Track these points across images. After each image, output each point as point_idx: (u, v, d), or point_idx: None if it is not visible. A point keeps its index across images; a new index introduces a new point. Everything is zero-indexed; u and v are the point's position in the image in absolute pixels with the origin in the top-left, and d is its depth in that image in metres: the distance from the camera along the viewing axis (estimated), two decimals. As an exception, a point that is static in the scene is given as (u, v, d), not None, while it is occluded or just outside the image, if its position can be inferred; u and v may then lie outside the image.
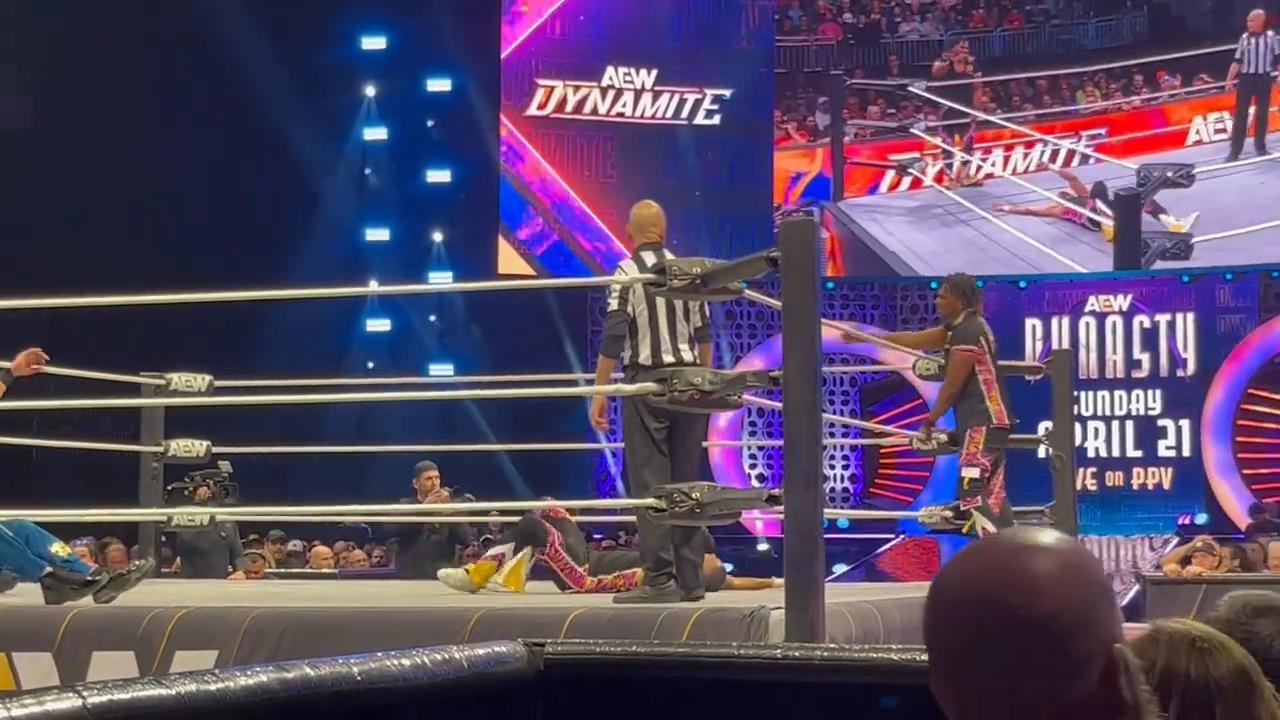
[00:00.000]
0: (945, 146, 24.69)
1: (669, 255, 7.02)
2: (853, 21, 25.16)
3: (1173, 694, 2.46)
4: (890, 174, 24.79)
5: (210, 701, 2.58)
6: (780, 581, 8.58)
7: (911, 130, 24.79)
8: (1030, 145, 24.46)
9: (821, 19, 25.19)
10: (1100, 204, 23.87)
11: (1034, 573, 1.71)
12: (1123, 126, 24.14)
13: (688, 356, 7.05)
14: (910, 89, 24.86)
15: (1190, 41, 23.97)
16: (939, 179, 24.68)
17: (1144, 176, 23.56)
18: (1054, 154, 24.36)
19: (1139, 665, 1.74)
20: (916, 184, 24.72)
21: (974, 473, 9.06)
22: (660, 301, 6.96)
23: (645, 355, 7.00)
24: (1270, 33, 23.25)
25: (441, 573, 8.36)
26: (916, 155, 24.75)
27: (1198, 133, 23.75)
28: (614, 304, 7.14)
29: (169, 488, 10.63)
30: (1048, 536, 1.76)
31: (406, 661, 3.15)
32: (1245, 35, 23.33)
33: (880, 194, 24.80)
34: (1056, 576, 1.70)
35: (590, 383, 14.92)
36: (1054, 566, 1.71)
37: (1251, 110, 23.40)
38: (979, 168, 24.61)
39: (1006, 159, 24.56)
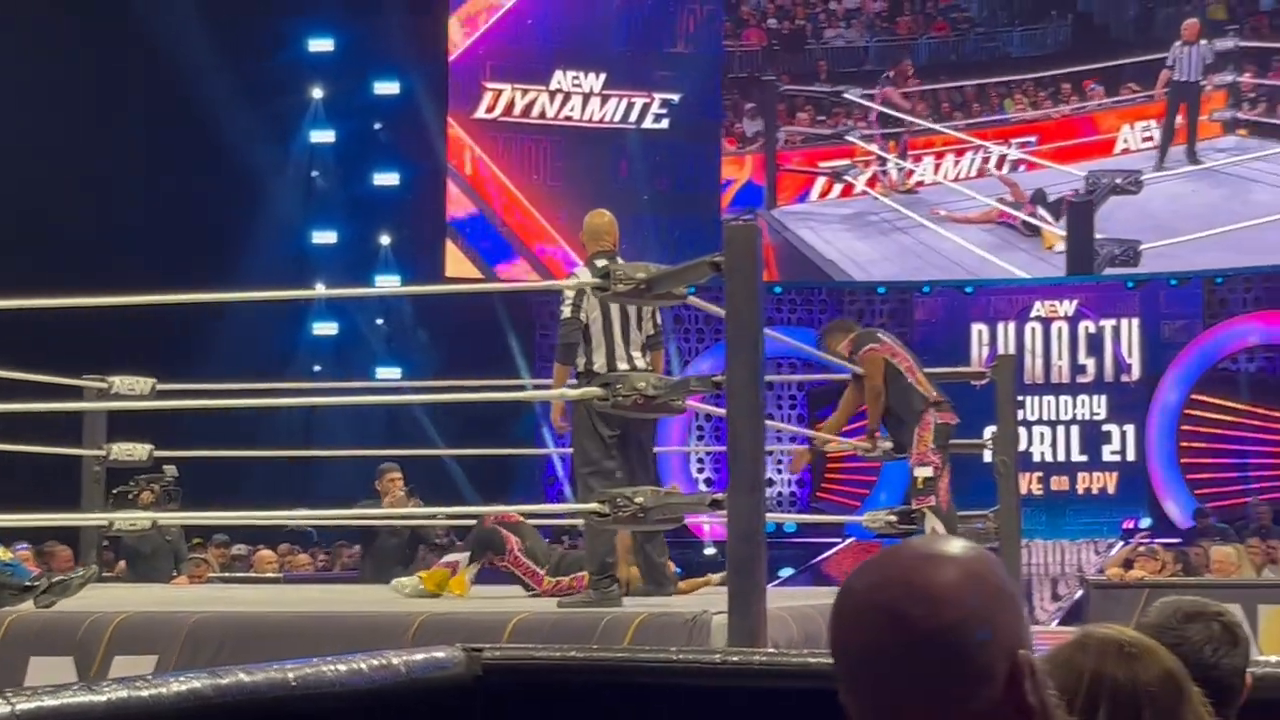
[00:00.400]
0: (881, 153, 24.76)
1: (619, 262, 7.05)
2: (777, 27, 25.22)
3: (1101, 699, 2.47)
4: (821, 181, 24.83)
5: (142, 708, 2.56)
6: (717, 578, 8.63)
7: (847, 137, 24.85)
8: (961, 153, 24.58)
9: (745, 24, 25.24)
10: (1042, 210, 24.00)
11: (936, 581, 1.71)
12: (1052, 134, 24.30)
13: (640, 364, 7.09)
14: (846, 95, 24.93)
15: (1115, 51, 24.17)
16: (872, 184, 24.75)
17: (1093, 183, 23.69)
18: (986, 160, 24.49)
19: (1045, 670, 1.74)
20: (848, 191, 24.79)
21: (927, 471, 9.13)
22: (614, 309, 7.01)
23: (599, 363, 7.06)
24: (1202, 42, 23.44)
25: (395, 582, 8.35)
26: (848, 162, 24.83)
27: (1125, 141, 23.94)
28: (567, 311, 7.18)
29: (114, 491, 10.55)
30: (951, 545, 1.76)
31: (343, 667, 3.14)
32: (1178, 44, 23.53)
33: (811, 201, 24.85)
34: (958, 584, 1.71)
35: (540, 387, 14.90)
36: (956, 575, 1.72)
37: (1180, 119, 23.58)
38: (912, 173, 24.71)
39: (938, 166, 24.67)
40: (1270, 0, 23.51)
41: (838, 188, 24.77)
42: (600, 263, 7.19)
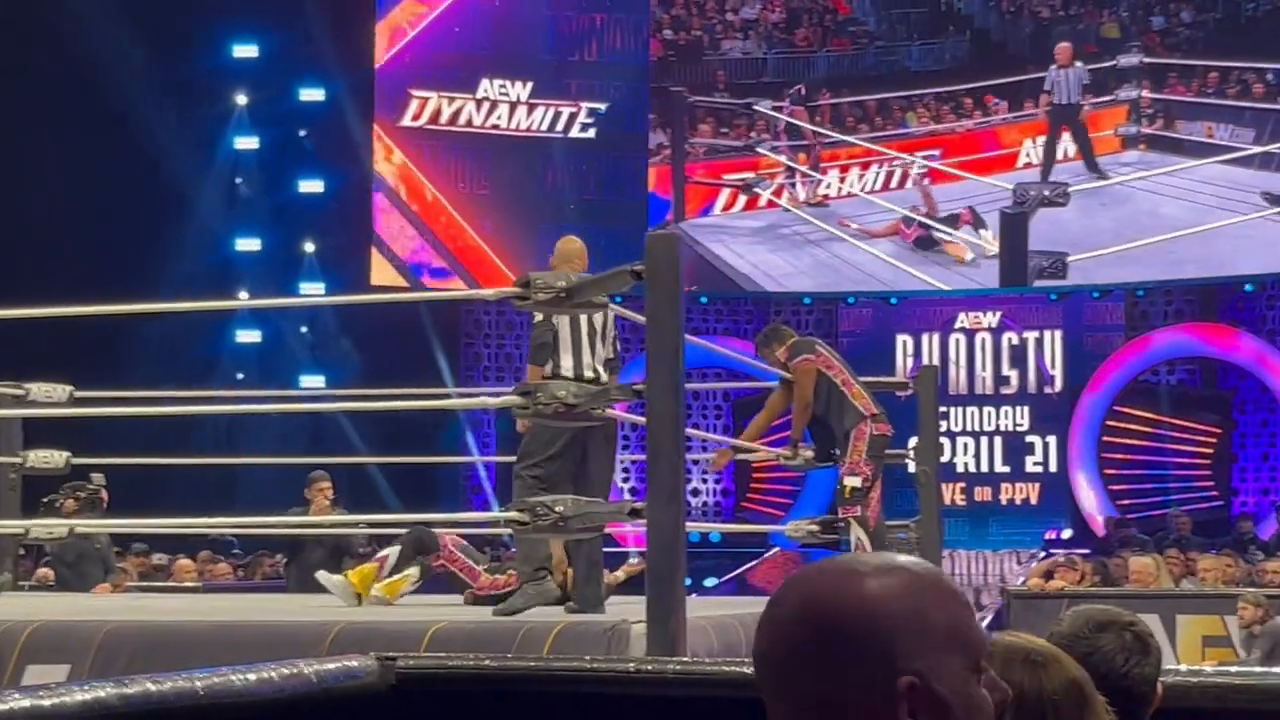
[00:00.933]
0: (791, 164, 24.83)
1: None
2: (673, 38, 25.26)
3: (1006, 707, 2.47)
4: (726, 193, 24.87)
5: (46, 719, 2.52)
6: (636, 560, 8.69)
7: (758, 149, 24.91)
8: (867, 166, 24.71)
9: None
10: (967, 228, 24.16)
11: (866, 591, 1.72)
12: (956, 148, 24.46)
13: (605, 377, 7.15)
14: (756, 107, 24.99)
15: (1013, 67, 24.39)
16: (778, 194, 24.83)
17: (1021, 195, 23.86)
18: (891, 174, 24.63)
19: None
20: (753, 204, 24.84)
21: (856, 481, 9.15)
22: (583, 320, 7.07)
23: (567, 366, 7.10)
24: (1078, 64, 23.71)
25: (321, 575, 8.32)
26: (754, 175, 24.90)
27: (1028, 155, 24.15)
28: (539, 315, 7.25)
29: (44, 499, 10.48)
30: (880, 558, 1.78)
31: (252, 676, 3.10)
32: (1054, 67, 23.79)
33: (716, 214, 24.88)
34: (889, 594, 1.71)
35: (464, 395, 14.88)
36: (888, 584, 1.72)
37: (1068, 139, 23.83)
38: (819, 185, 24.80)
39: (843, 179, 24.78)
40: (1161, 20, 23.80)
41: (743, 200, 24.79)
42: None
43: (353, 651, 4.91)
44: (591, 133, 24.17)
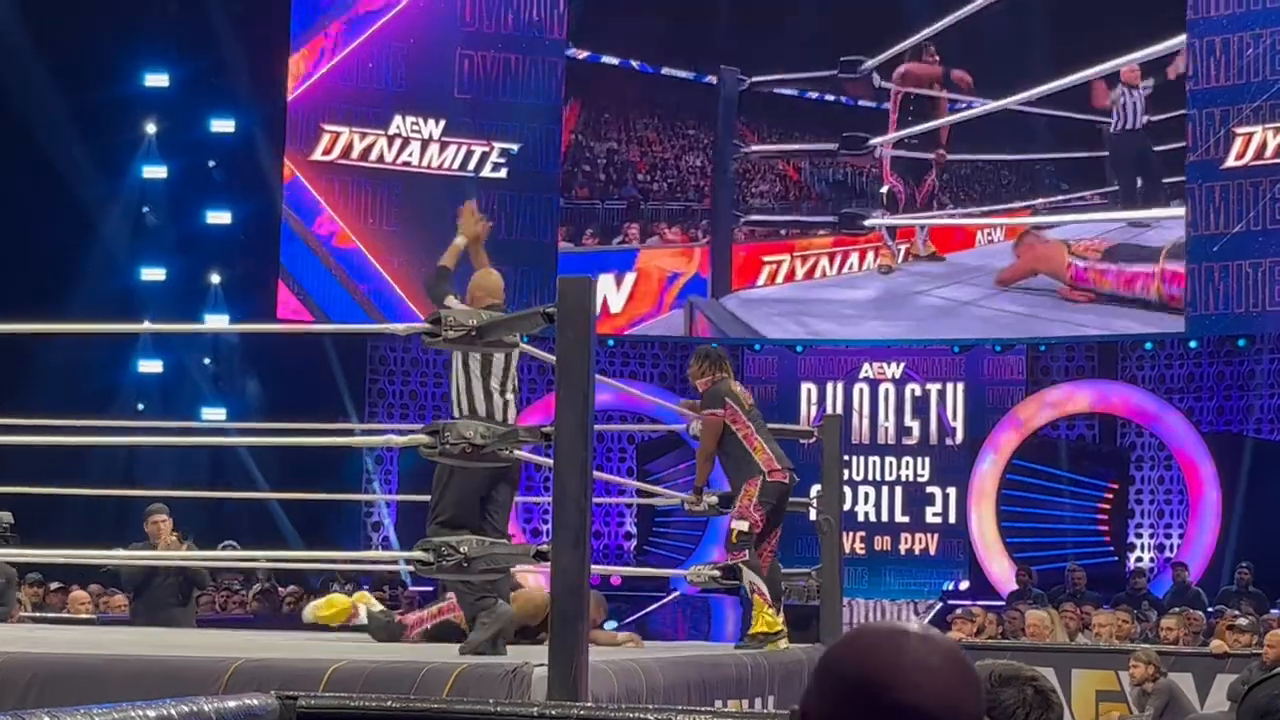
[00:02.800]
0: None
1: None
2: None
3: None
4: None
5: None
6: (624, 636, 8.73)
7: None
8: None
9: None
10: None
11: (921, 663, 1.76)
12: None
13: (512, 415, 7.18)
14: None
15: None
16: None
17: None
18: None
19: None
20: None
21: (743, 525, 9.12)
22: (496, 360, 7.12)
23: (478, 402, 7.14)
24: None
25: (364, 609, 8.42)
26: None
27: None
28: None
29: None
30: (926, 628, 1.82)
31: (152, 713, 3.08)
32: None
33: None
34: (940, 667, 1.75)
35: (369, 432, 14.81)
36: (939, 658, 1.76)
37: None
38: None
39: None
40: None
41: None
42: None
43: (250, 689, 4.88)
44: (503, 172, 24.17)
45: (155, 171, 23.98)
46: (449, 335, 5.98)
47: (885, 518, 23.83)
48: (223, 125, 23.92)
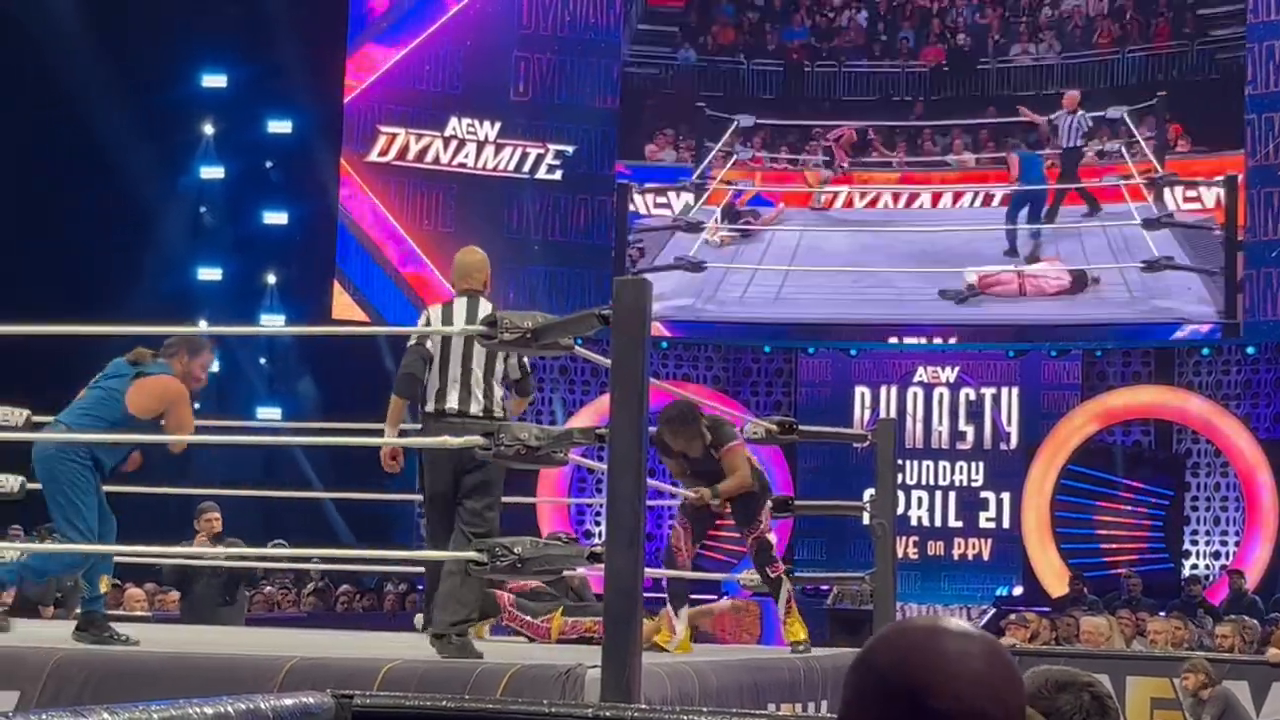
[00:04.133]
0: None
1: (484, 303, 7.14)
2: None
3: None
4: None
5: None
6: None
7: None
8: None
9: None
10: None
11: (963, 664, 1.74)
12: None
13: (498, 409, 7.03)
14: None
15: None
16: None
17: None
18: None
19: None
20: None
21: (774, 538, 9.32)
22: (456, 346, 7.01)
23: (453, 401, 7.05)
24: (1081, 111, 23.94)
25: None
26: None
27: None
28: (412, 340, 7.26)
29: (44, 526, 10.55)
30: (964, 625, 1.80)
31: (209, 710, 3.09)
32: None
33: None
34: (982, 667, 1.73)
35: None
36: (980, 657, 1.74)
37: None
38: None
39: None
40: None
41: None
42: (462, 300, 7.27)
43: (305, 687, 4.90)
44: (558, 174, 24.21)
45: (213, 172, 24.15)
46: (505, 338, 5.99)
47: (939, 522, 23.73)
48: (280, 126, 24.06)
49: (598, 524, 23.12)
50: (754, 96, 25.48)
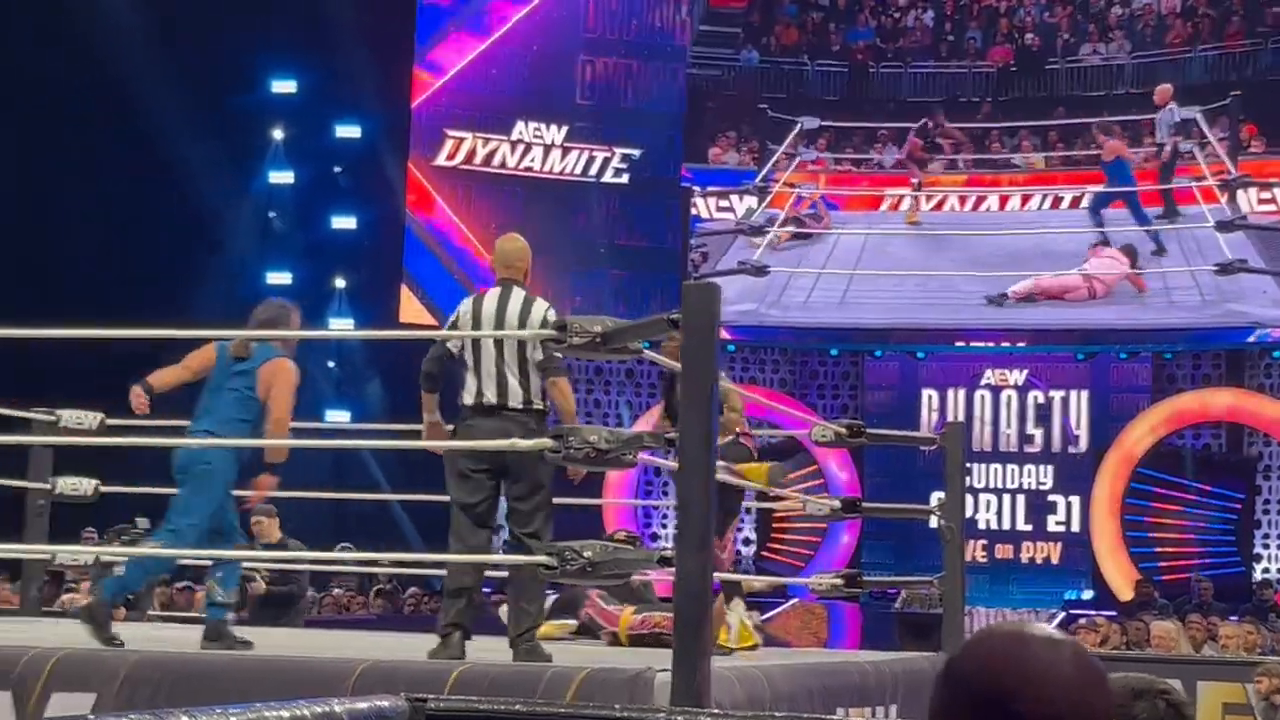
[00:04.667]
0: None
1: (518, 291, 7.10)
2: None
3: None
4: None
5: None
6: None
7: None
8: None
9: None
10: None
11: (1046, 671, 1.73)
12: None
13: (536, 401, 6.99)
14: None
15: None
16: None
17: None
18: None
19: None
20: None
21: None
22: (481, 344, 6.95)
23: (490, 394, 6.98)
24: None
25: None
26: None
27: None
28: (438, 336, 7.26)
29: (114, 529, 10.65)
30: (1050, 631, 1.79)
31: (285, 713, 3.12)
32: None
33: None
34: (1067, 676, 1.72)
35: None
36: (1066, 662, 1.73)
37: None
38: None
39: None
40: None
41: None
42: (496, 290, 7.23)
43: (377, 690, 4.94)
44: (624, 178, 24.23)
45: (282, 177, 24.31)
46: (574, 342, 6.00)
47: (1007, 526, 23.61)
48: (348, 131, 24.20)
49: (664, 526, 23.14)
50: (818, 98, 25.43)
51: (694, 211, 24.60)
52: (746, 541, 24.24)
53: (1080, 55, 24.92)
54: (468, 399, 7.05)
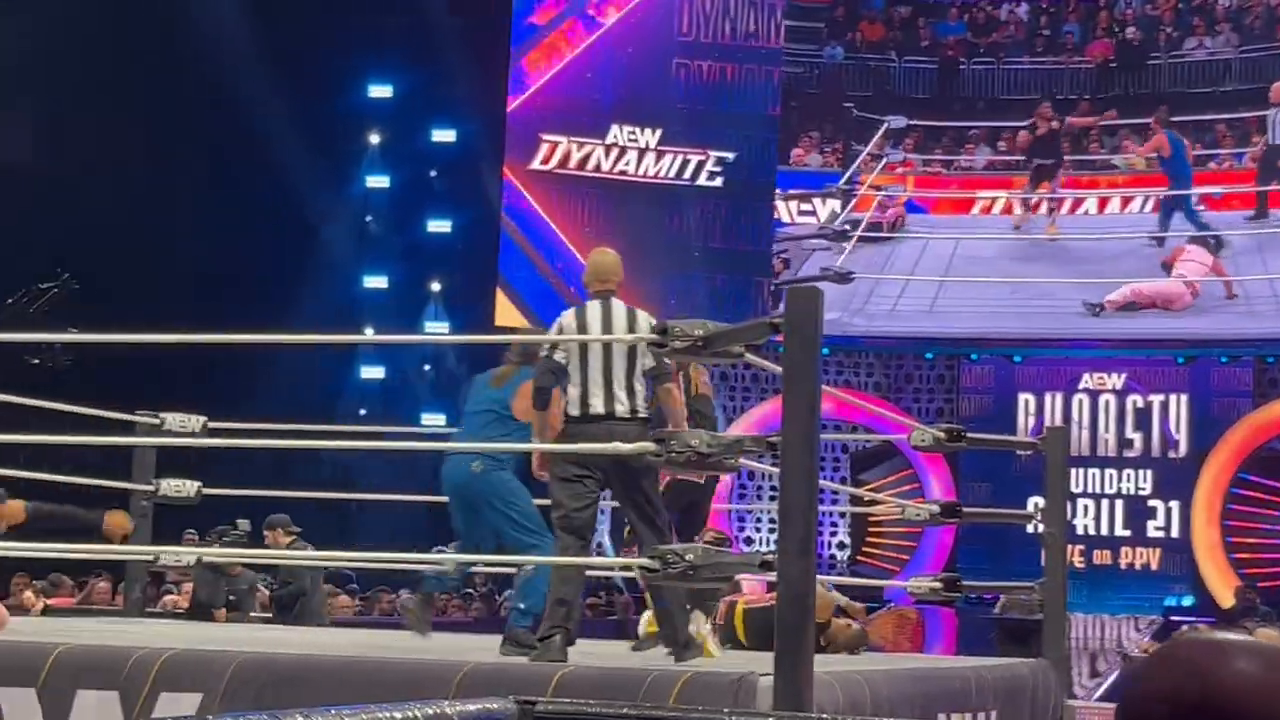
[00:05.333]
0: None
1: (618, 304, 7.10)
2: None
3: None
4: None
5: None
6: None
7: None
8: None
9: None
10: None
11: (1242, 682, 1.66)
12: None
13: (641, 407, 6.99)
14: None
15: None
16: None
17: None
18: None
19: None
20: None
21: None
22: (595, 349, 6.97)
23: (597, 403, 6.94)
24: None
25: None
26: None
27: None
28: (543, 350, 7.24)
29: (215, 530, 10.78)
30: (1249, 640, 1.72)
31: (398, 714, 3.13)
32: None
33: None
34: (1259, 683, 1.66)
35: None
36: (1262, 674, 1.68)
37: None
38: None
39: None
40: None
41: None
42: (597, 303, 7.23)
43: (482, 692, 4.95)
44: (719, 181, 24.20)
45: (378, 181, 24.52)
46: (676, 346, 6.00)
47: (1105, 531, 23.39)
48: (444, 136, 24.37)
49: (758, 529, 23.09)
50: (905, 96, 25.16)
51: (775, 215, 24.47)
52: (841, 545, 24.17)
53: (1185, 50, 24.42)
54: (573, 410, 7.04)
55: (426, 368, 24.50)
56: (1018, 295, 23.85)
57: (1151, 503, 23.33)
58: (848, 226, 24.52)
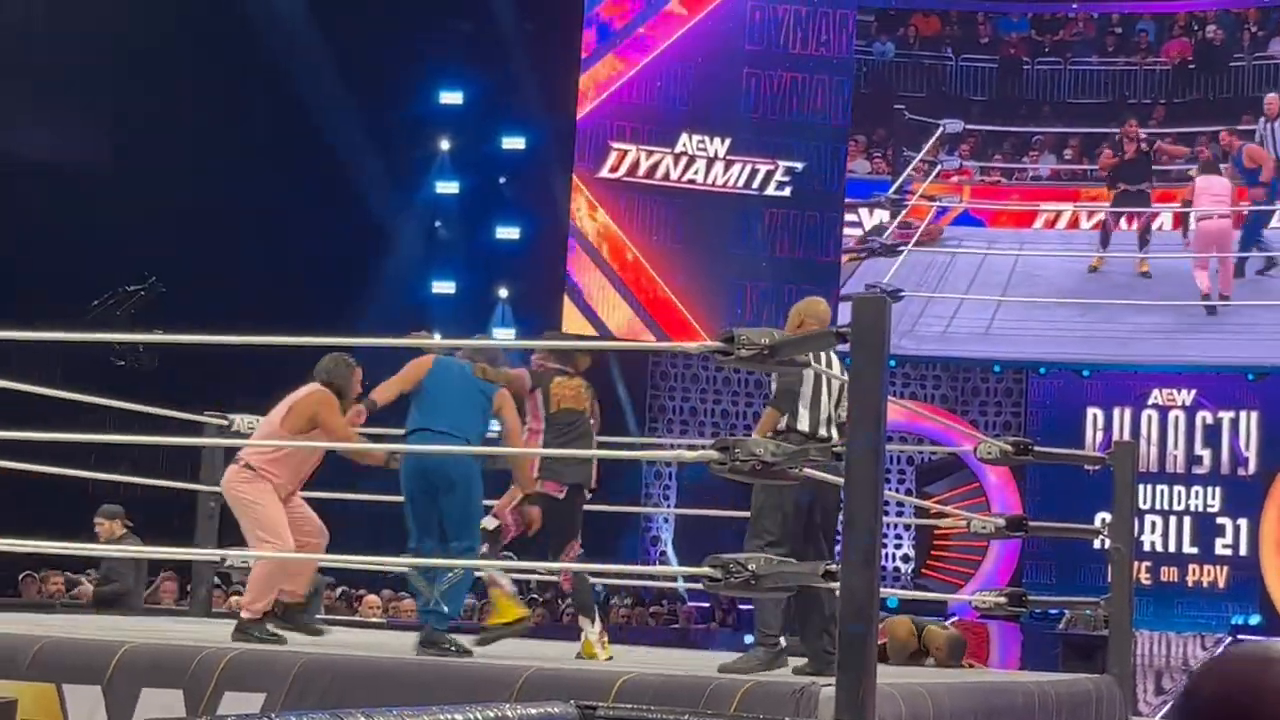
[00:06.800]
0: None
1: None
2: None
3: None
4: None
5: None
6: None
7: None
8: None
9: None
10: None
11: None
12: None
13: (835, 438, 7.13)
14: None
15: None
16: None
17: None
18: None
19: None
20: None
21: (490, 523, 8.84)
22: (824, 380, 7.09)
23: (805, 421, 7.17)
24: None
25: None
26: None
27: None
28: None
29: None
30: None
31: (459, 716, 3.15)
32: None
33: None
34: None
35: (645, 446, 14.89)
36: None
37: None
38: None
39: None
40: None
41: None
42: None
43: (541, 696, 4.97)
44: (787, 190, 24.16)
45: (447, 187, 24.61)
46: (742, 354, 5.99)
47: (1173, 548, 23.21)
48: (513, 143, 24.44)
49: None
50: (962, 97, 24.39)
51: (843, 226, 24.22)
52: (905, 559, 24.08)
53: (1270, 51, 23.29)
54: (803, 427, 7.22)
55: (493, 374, 24.57)
56: (1086, 319, 23.37)
57: (1220, 520, 23.14)
58: (897, 243, 24.00)
